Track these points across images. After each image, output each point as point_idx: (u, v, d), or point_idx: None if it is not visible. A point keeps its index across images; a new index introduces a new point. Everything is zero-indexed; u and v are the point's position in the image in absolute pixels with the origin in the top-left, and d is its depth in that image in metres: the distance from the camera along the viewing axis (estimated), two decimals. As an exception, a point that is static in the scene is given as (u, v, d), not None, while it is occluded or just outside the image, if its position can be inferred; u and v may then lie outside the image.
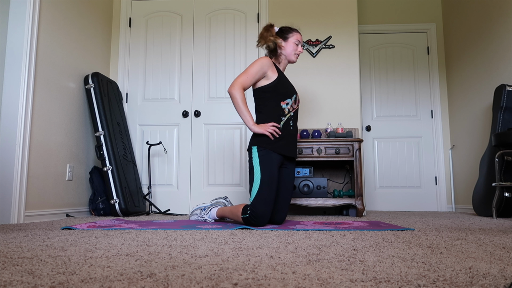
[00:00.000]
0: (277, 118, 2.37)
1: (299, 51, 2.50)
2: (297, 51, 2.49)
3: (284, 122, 2.38)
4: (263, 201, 2.20)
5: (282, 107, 2.38)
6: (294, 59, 2.51)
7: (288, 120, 2.40)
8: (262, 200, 2.21)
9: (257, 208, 2.18)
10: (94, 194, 3.39)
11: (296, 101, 2.46)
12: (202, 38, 4.02)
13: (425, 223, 2.50)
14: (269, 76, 2.38)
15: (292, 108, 2.43)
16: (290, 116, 2.41)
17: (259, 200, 2.21)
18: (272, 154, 2.31)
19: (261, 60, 2.37)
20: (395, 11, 4.76)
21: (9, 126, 2.63)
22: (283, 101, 2.38)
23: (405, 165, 4.53)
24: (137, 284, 0.81)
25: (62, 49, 3.17)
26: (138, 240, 1.57)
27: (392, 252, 1.25)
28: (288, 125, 2.40)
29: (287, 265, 1.02)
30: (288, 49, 2.47)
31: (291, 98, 2.42)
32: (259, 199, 2.21)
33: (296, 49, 2.48)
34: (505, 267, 1.00)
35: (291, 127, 2.41)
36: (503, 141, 2.91)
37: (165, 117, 3.95)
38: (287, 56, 2.50)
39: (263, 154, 2.30)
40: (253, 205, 2.20)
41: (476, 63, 4.01)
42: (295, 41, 2.47)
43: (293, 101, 2.43)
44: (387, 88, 4.68)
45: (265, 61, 2.37)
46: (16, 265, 1.01)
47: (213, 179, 3.84)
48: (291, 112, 2.42)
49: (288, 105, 2.40)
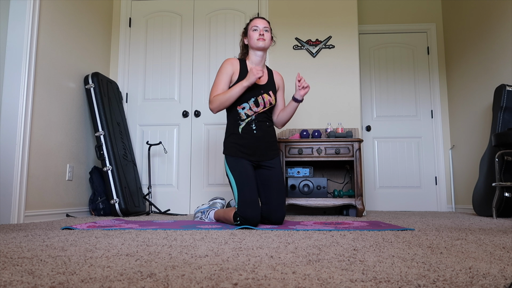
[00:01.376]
0: (235, 123, 2.37)
1: (260, 34, 2.38)
2: (258, 37, 2.38)
3: (243, 127, 2.36)
4: (247, 204, 2.19)
5: (238, 111, 2.36)
6: (260, 44, 2.38)
7: (248, 125, 2.36)
8: (245, 203, 2.19)
9: (243, 212, 2.18)
10: (94, 194, 3.39)
11: (259, 104, 2.37)
12: (202, 38, 4.02)
13: (425, 223, 2.50)
14: (233, 78, 2.40)
15: (253, 112, 2.36)
16: (250, 120, 2.36)
17: (243, 204, 2.20)
18: (240, 159, 2.32)
19: (223, 65, 2.39)
20: (395, 11, 4.76)
21: (9, 126, 2.63)
22: (238, 105, 2.36)
23: (405, 165, 4.53)
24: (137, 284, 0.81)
25: (62, 49, 3.17)
26: (138, 240, 1.57)
27: (392, 252, 1.25)
28: (250, 129, 2.36)
29: (287, 265, 1.02)
30: (250, 40, 2.42)
31: (248, 102, 2.35)
32: (242, 203, 2.20)
33: (255, 35, 2.38)
34: (505, 267, 1.00)
35: (253, 131, 2.36)
36: (503, 141, 2.91)
37: (165, 117, 3.95)
38: (252, 46, 2.42)
39: (231, 160, 2.33)
40: (239, 211, 2.20)
41: (476, 63, 4.01)
42: (252, 28, 2.41)
43: (252, 105, 2.36)
44: (387, 88, 4.68)
45: (226, 65, 2.38)
46: (16, 265, 1.01)
47: (213, 179, 3.84)
48: (252, 116, 2.36)
49: (245, 109, 2.35)
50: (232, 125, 2.39)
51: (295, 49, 3.90)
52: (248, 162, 2.34)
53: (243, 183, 2.24)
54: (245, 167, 2.30)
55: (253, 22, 2.44)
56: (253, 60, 2.46)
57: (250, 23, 2.45)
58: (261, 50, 2.42)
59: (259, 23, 2.42)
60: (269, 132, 2.44)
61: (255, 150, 2.36)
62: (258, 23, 2.42)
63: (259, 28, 2.40)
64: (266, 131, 2.41)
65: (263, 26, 2.41)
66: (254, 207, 2.19)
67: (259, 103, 2.38)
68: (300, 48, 3.89)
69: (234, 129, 2.38)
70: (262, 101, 2.39)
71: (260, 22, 2.42)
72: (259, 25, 2.41)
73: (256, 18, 2.46)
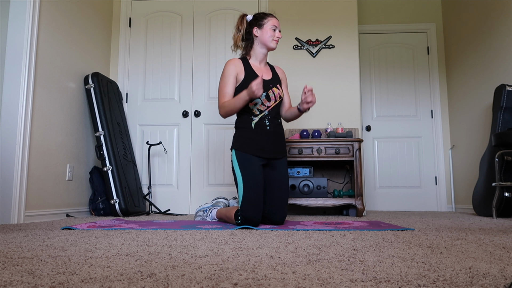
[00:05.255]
0: (248, 119, 2.34)
1: (277, 37, 2.40)
2: (274, 37, 2.39)
3: (256, 122, 2.33)
4: (250, 204, 2.18)
5: (250, 108, 2.34)
6: (273, 45, 2.40)
7: (261, 120, 2.34)
8: (249, 203, 2.18)
9: (245, 212, 2.17)
10: (94, 194, 3.39)
11: (271, 98, 2.36)
12: (202, 38, 4.02)
13: (425, 223, 2.50)
14: (239, 77, 2.37)
15: (266, 106, 2.34)
16: (263, 115, 2.34)
17: (246, 204, 2.18)
18: (251, 156, 2.28)
19: (225, 68, 2.36)
20: (395, 11, 4.76)
21: (9, 126, 2.63)
22: (250, 102, 2.32)
23: (405, 165, 4.53)
24: (137, 284, 0.81)
25: (62, 49, 3.17)
26: (138, 240, 1.57)
27: (392, 252, 1.25)
28: (263, 125, 2.34)
29: (287, 265, 1.02)
30: (265, 36, 2.38)
31: (260, 97, 2.32)
32: (246, 202, 2.19)
33: (273, 35, 2.39)
34: (505, 267, 1.00)
35: (267, 126, 2.34)
36: (503, 141, 2.91)
37: (165, 117, 3.95)
38: (265, 43, 2.40)
39: (241, 156, 2.29)
40: (241, 210, 2.19)
41: (476, 63, 4.01)
42: (271, 26, 2.39)
43: (263, 100, 2.34)
44: (387, 88, 4.68)
45: (228, 67, 2.35)
46: (16, 265, 1.01)
47: (213, 179, 3.84)
48: (265, 111, 2.34)
49: (257, 105, 2.33)
50: (244, 120, 2.36)
51: (295, 49, 3.90)
52: (258, 159, 2.30)
53: (249, 182, 2.22)
54: (255, 165, 2.27)
55: (272, 20, 2.41)
56: (257, 56, 2.44)
57: (269, 19, 2.41)
58: (270, 50, 2.44)
59: (278, 24, 2.43)
60: (280, 129, 2.43)
61: (268, 146, 2.33)
62: (277, 23, 2.42)
63: (277, 29, 2.41)
64: (278, 128, 2.41)
65: (279, 28, 2.44)
66: (257, 207, 2.19)
67: (271, 97, 2.36)
68: (300, 48, 3.89)
69: (246, 124, 2.34)
70: (273, 95, 2.37)
71: (278, 23, 2.43)
72: (278, 26, 2.42)
73: (274, 17, 2.44)
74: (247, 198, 2.20)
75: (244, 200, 2.20)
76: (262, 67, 2.47)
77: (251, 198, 2.19)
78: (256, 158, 2.29)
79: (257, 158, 2.30)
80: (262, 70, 2.44)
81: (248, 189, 2.21)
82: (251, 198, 2.19)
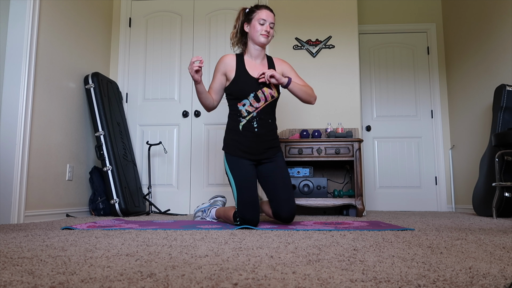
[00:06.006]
0: (236, 121, 2.28)
1: (265, 31, 2.24)
2: (262, 31, 2.24)
3: (243, 124, 2.26)
4: (246, 205, 2.16)
5: (238, 108, 2.28)
6: (261, 40, 2.25)
7: (249, 123, 2.25)
8: (244, 204, 2.17)
9: (242, 213, 2.16)
10: (94, 194, 3.39)
11: (260, 99, 2.25)
12: (202, 38, 4.02)
13: (425, 223, 2.50)
14: (229, 76, 2.30)
15: (254, 108, 2.25)
16: (252, 117, 2.25)
17: (242, 205, 2.17)
18: (239, 158, 2.26)
19: (217, 64, 2.33)
20: (395, 11, 4.76)
21: (9, 126, 2.63)
22: (239, 102, 2.26)
23: (405, 165, 4.53)
24: (137, 284, 0.81)
25: (62, 49, 3.17)
26: (138, 240, 1.57)
27: (392, 252, 1.25)
28: (251, 127, 2.25)
29: (287, 265, 1.02)
30: (252, 31, 2.26)
31: (248, 98, 2.24)
32: (241, 204, 2.17)
33: (261, 29, 2.24)
34: (505, 267, 1.00)
35: (255, 129, 2.25)
36: (503, 141, 2.91)
37: (165, 117, 3.95)
38: (253, 39, 2.28)
39: (231, 159, 2.27)
40: (238, 211, 2.18)
41: (476, 63, 4.01)
42: (258, 20, 2.24)
43: (252, 100, 2.24)
44: (387, 88, 4.68)
45: (218, 64, 2.31)
46: (16, 265, 1.01)
47: (213, 179, 3.84)
48: (253, 112, 2.25)
49: (246, 106, 2.25)
50: (232, 121, 2.30)
51: (295, 49, 3.90)
52: (248, 161, 2.27)
53: (242, 183, 2.20)
54: (245, 167, 2.25)
55: (260, 13, 2.26)
56: (252, 53, 2.34)
57: (257, 12, 2.27)
58: (261, 46, 2.32)
59: (267, 17, 2.26)
60: (271, 129, 2.32)
61: (255, 149, 2.26)
62: (266, 16, 2.25)
63: (266, 23, 2.26)
64: (268, 129, 2.30)
65: (270, 21, 2.27)
66: (253, 208, 2.17)
67: (260, 97, 2.25)
68: (300, 48, 3.89)
69: (234, 126, 2.29)
70: (263, 95, 2.26)
71: (268, 16, 2.26)
72: (266, 19, 2.25)
73: (264, 9, 2.28)
74: (241, 200, 2.18)
75: (239, 202, 2.19)
76: (257, 63, 2.35)
77: (246, 200, 2.17)
78: (245, 160, 2.27)
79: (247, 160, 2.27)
80: (256, 67, 2.33)
81: (241, 191, 2.19)
82: (245, 200, 2.17)
